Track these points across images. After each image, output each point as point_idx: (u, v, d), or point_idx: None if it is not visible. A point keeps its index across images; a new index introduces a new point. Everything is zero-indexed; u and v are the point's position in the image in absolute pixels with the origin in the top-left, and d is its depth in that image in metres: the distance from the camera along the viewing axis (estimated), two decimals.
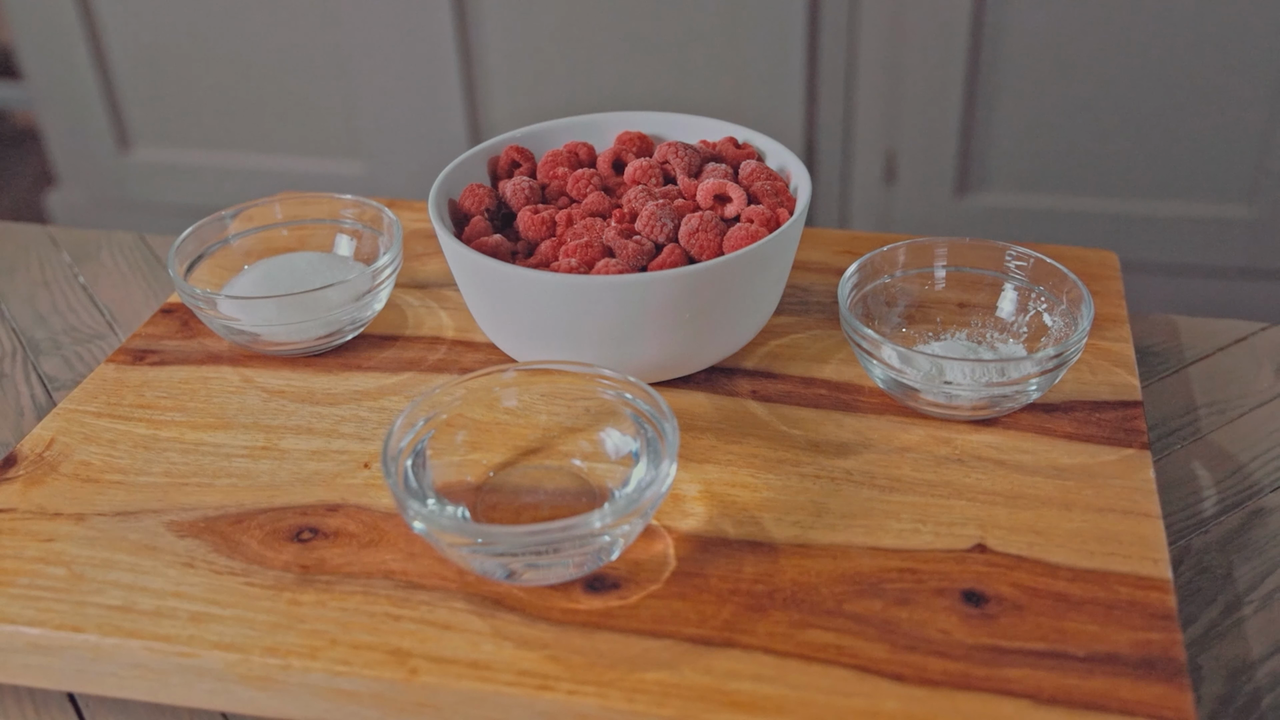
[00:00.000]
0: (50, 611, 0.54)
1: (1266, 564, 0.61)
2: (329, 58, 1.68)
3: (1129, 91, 1.51)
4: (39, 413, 0.74)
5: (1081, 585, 0.54)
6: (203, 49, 1.72)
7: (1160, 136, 1.53)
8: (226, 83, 1.74)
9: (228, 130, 1.79)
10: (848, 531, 0.57)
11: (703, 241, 0.63)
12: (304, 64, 1.70)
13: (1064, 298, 0.64)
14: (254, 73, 1.72)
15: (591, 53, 1.60)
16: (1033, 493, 0.59)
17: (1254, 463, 0.67)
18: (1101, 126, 1.54)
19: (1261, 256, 1.61)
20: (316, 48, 1.68)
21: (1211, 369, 0.74)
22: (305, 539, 0.58)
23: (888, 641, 0.52)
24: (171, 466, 0.62)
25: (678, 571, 0.55)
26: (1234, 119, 1.50)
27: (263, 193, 1.68)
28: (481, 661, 0.51)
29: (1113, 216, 1.60)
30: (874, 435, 0.63)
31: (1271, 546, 0.61)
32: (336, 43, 1.66)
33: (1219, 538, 0.62)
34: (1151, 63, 1.48)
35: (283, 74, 1.71)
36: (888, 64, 1.53)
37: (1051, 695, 0.49)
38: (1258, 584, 0.60)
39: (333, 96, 1.71)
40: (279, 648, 0.52)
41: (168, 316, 0.75)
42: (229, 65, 1.72)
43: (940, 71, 1.52)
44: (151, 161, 1.85)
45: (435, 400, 0.58)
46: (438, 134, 1.71)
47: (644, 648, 0.52)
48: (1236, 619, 0.58)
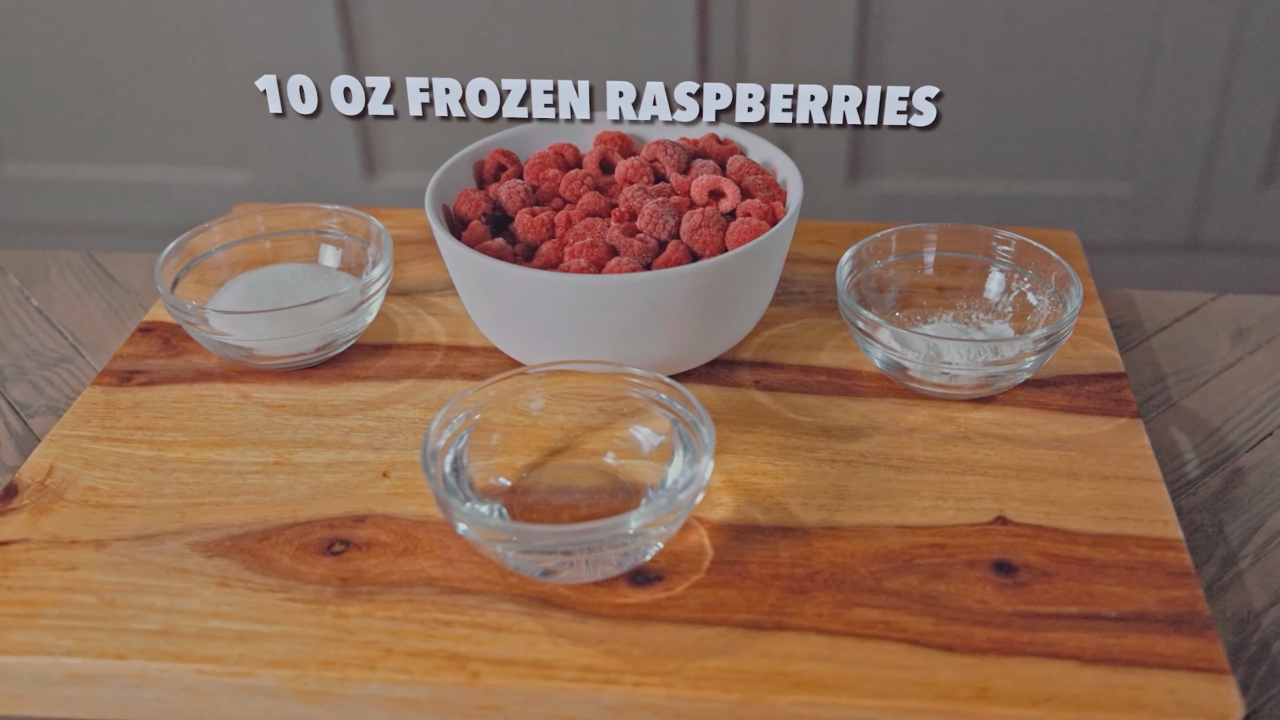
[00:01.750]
0: (88, 640, 0.53)
1: (1254, 519, 0.64)
2: (207, 63, 1.61)
3: (1012, 75, 1.55)
4: (16, 440, 0.72)
5: (1102, 550, 0.57)
6: (66, 59, 1.64)
7: (1039, 118, 1.58)
8: (97, 94, 1.66)
9: (101, 143, 1.71)
10: (873, 512, 0.59)
11: (705, 237, 0.64)
12: (180, 71, 1.62)
13: (1051, 279, 0.67)
14: (126, 82, 1.65)
15: (482, 29, 1.56)
16: (1040, 465, 0.62)
17: (1226, 425, 0.70)
18: (988, 110, 1.58)
19: (1137, 231, 1.67)
20: (193, 53, 1.61)
21: (1172, 339, 0.78)
22: (338, 551, 0.57)
23: (931, 615, 0.53)
24: (184, 487, 0.61)
25: (716, 560, 0.56)
26: (1107, 101, 1.56)
27: (145, 206, 1.63)
28: (541, 661, 0.52)
29: (999, 197, 1.64)
30: (880, 418, 0.65)
31: (1256, 502, 0.65)
32: (214, 48, 1.59)
33: (1205, 498, 0.65)
34: (1033, 46, 1.52)
35: (157, 82, 1.64)
36: (778, 65, 1.55)
37: (1094, 655, 0.51)
38: (1249, 538, 0.63)
39: (212, 104, 1.64)
40: (335, 661, 0.52)
41: (147, 335, 0.73)
42: (98, 76, 1.65)
43: (829, 60, 1.53)
44: (18, 178, 1.76)
45: (467, 403, 0.58)
46: (323, 139, 1.65)
47: (698, 636, 0.53)
48: (1235, 573, 0.61)
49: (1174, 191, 1.63)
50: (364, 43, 1.57)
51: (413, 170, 1.63)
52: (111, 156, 1.69)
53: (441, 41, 1.57)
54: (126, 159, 1.68)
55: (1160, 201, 1.64)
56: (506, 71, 1.36)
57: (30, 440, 0.72)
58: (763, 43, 1.53)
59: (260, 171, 1.68)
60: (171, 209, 1.63)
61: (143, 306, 0.83)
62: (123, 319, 0.82)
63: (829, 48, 1.54)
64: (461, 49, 1.56)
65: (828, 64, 1.54)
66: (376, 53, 1.58)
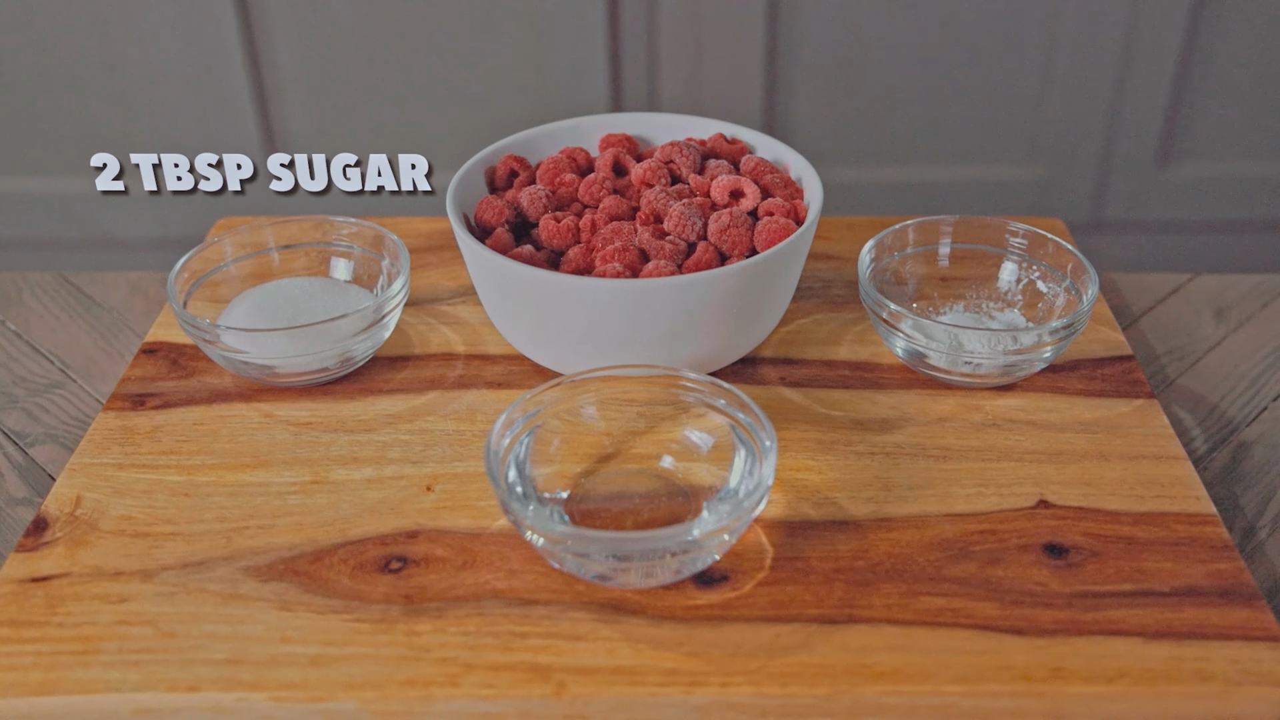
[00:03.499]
0: (156, 674, 0.52)
1: (1265, 490, 0.67)
2: (100, 69, 1.56)
3: (923, 64, 1.57)
4: (19, 471, 0.69)
5: (1144, 528, 0.59)
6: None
7: (950, 103, 1.62)
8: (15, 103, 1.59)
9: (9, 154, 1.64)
10: (920, 502, 0.60)
11: (734, 237, 0.65)
12: (75, 79, 1.57)
13: (1067, 270, 0.69)
14: (19, 87, 1.58)
15: (389, 54, 1.55)
16: (1070, 448, 0.63)
17: (1224, 401, 0.73)
18: (896, 98, 1.61)
19: (1047, 210, 1.73)
20: (88, 61, 1.56)
21: (1159, 320, 0.80)
22: (395, 569, 0.57)
23: (994, 600, 0.55)
24: (223, 511, 0.60)
25: (778, 557, 0.57)
26: (1012, 85, 1.60)
27: (42, 218, 1.57)
28: (625, 667, 0.52)
29: (916, 184, 1.67)
30: (909, 409, 0.66)
31: (1264, 474, 0.68)
32: (109, 53, 1.54)
33: (1217, 473, 0.68)
34: (945, 34, 1.55)
35: (53, 88, 1.58)
36: (689, 70, 1.56)
37: (1155, 630, 0.53)
38: (1264, 509, 0.66)
39: (106, 112, 1.59)
40: (416, 680, 0.51)
41: (152, 357, 0.71)
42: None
43: (740, 49, 1.54)
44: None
45: (524, 409, 0.58)
46: (228, 145, 1.61)
47: (774, 633, 0.53)
48: (1257, 543, 0.64)
49: (1076, 174, 1.68)
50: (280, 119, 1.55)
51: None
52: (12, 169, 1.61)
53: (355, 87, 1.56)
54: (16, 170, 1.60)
55: (1063, 184, 1.69)
56: (427, 105, 1.33)
57: (34, 470, 0.70)
58: (674, 77, 1.55)
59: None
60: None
61: (128, 326, 0.81)
62: (109, 340, 0.80)
63: (738, 74, 1.56)
64: (382, 86, 1.56)
65: (737, 92, 1.57)
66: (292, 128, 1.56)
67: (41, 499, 0.68)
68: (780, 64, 1.56)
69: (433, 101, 1.57)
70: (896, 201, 1.67)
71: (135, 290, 0.85)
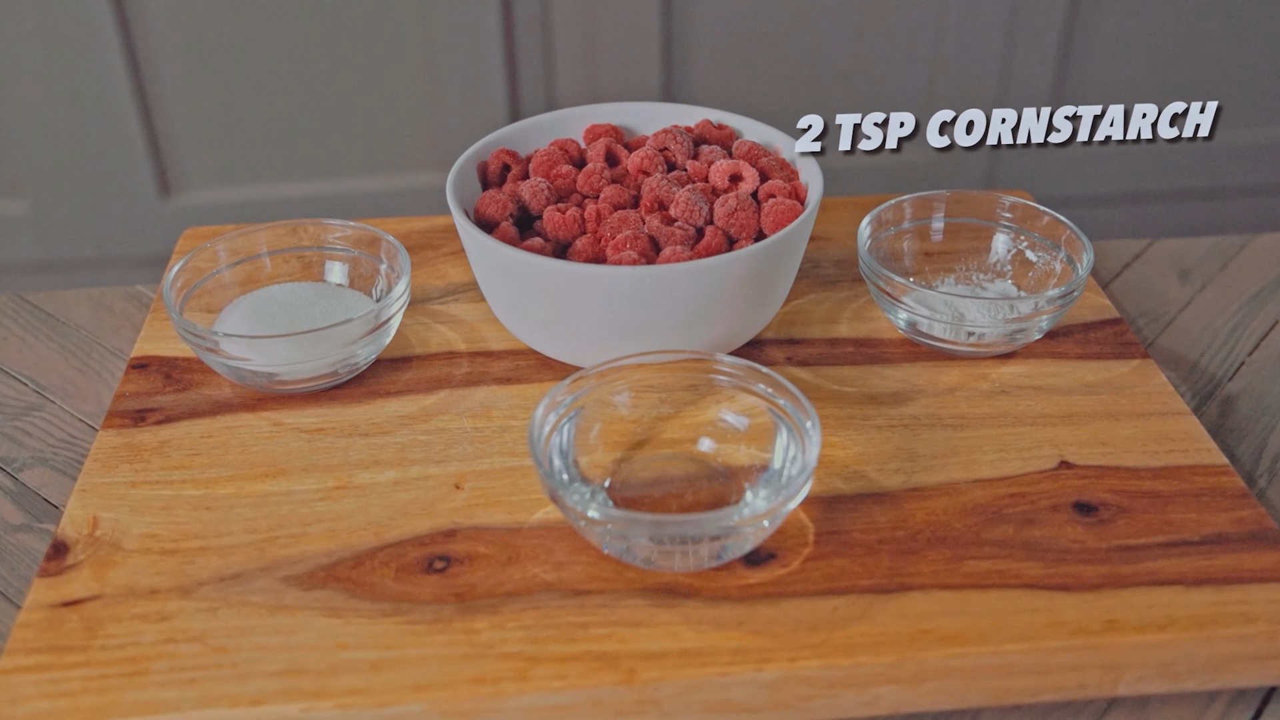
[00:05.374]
0: (214, 690, 0.50)
1: (1257, 442, 0.69)
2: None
3: (818, 31, 1.60)
4: (12, 497, 0.67)
5: (1164, 482, 0.60)
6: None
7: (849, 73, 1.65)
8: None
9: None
10: (947, 470, 0.61)
11: (742, 221, 0.65)
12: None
13: (1061, 240, 0.71)
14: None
15: (278, 66, 1.53)
16: (1080, 410, 0.65)
17: (1203, 359, 0.76)
18: (791, 66, 1.63)
19: (940, 183, 1.78)
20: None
21: (1128, 284, 0.83)
22: (440, 569, 0.56)
23: (1036, 559, 0.56)
24: (250, 523, 0.59)
25: (819, 532, 0.58)
26: (901, 71, 1.64)
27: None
28: (692, 650, 0.52)
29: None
30: (918, 381, 0.67)
31: (1253, 426, 0.70)
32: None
33: (1208, 428, 0.70)
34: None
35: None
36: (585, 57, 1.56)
37: (1194, 578, 0.55)
38: (1258, 459, 0.68)
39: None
40: (484, 677, 0.51)
41: (144, 371, 0.69)
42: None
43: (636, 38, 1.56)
44: None
45: (561, 397, 0.58)
46: (108, 166, 1.56)
47: (831, 606, 0.54)
48: (1258, 491, 0.66)
49: (971, 151, 1.73)
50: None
51: (213, 187, 1.58)
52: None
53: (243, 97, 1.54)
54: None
55: (954, 159, 1.74)
56: (334, 110, 1.29)
57: (27, 495, 0.67)
58: (570, 72, 1.56)
59: (37, 200, 1.56)
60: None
61: (98, 343, 0.79)
62: (82, 358, 0.78)
63: (636, 69, 1.58)
64: (276, 105, 1.54)
65: (637, 87, 1.58)
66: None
67: (41, 523, 0.65)
68: (676, 42, 1.57)
69: (325, 123, 1.56)
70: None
71: (99, 306, 0.83)
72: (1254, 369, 0.75)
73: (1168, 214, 1.76)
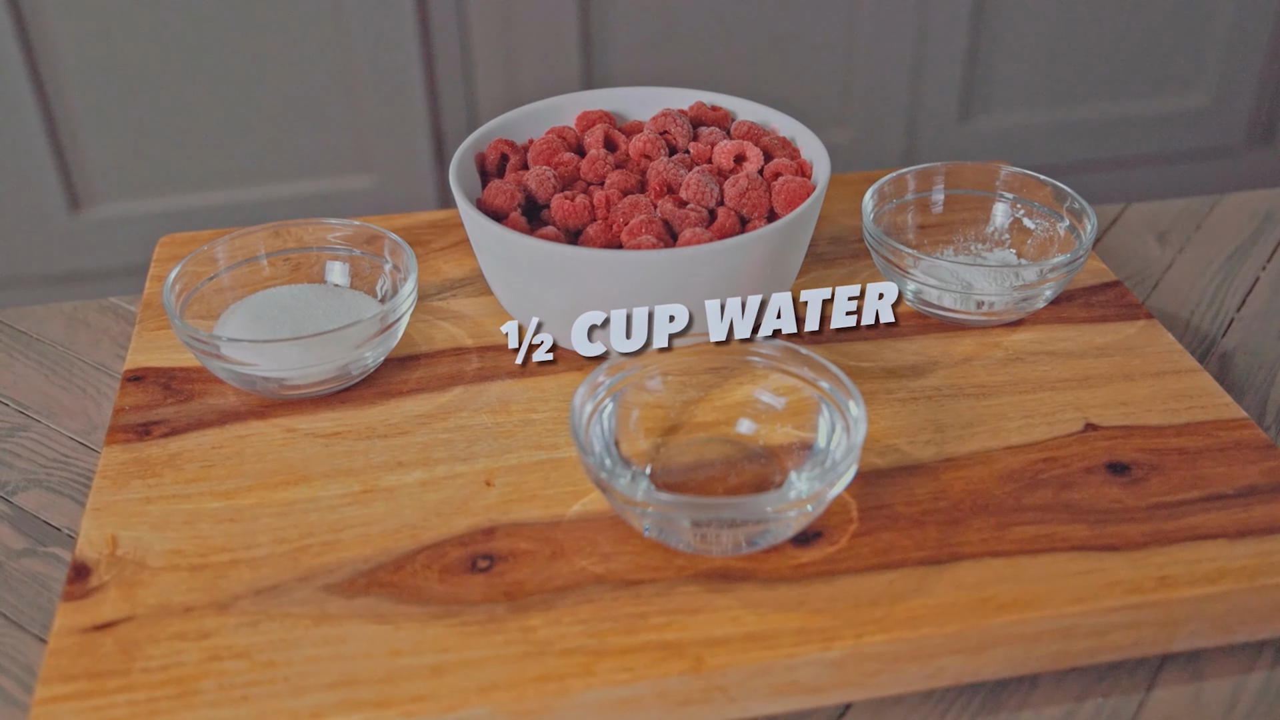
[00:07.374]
0: (269, 707, 0.49)
1: (1260, 392, 0.70)
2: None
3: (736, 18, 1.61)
4: (10, 522, 0.64)
5: (1189, 438, 0.61)
6: None
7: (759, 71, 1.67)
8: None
9: None
10: (977, 439, 0.61)
11: (753, 200, 0.64)
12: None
13: (1063, 209, 0.71)
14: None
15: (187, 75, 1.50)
16: (1096, 373, 0.66)
17: (1194, 317, 0.77)
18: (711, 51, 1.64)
19: (856, 164, 1.81)
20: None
21: (1109, 247, 0.84)
22: (484, 567, 0.55)
23: (1081, 521, 0.56)
24: (279, 532, 0.57)
25: (862, 508, 0.57)
26: (815, 58, 1.66)
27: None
28: (755, 633, 0.51)
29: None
30: (933, 352, 0.67)
31: (1253, 379, 0.72)
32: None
33: None
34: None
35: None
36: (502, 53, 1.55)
37: (1236, 530, 0.56)
38: (1264, 408, 0.69)
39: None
40: (548, 674, 0.50)
41: (140, 384, 0.67)
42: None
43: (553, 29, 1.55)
44: None
45: (597, 385, 0.57)
46: (14, 183, 1.52)
47: (887, 581, 0.54)
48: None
49: (886, 131, 1.77)
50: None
51: (125, 200, 1.54)
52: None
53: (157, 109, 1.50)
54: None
55: (874, 141, 1.77)
56: (248, 117, 1.26)
57: (24, 518, 0.64)
58: (490, 76, 1.55)
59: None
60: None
61: (77, 358, 0.76)
62: (63, 375, 0.75)
63: (555, 65, 1.58)
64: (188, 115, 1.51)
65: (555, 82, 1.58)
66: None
67: (45, 547, 0.63)
68: (594, 44, 1.57)
69: (238, 130, 1.52)
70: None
71: (73, 320, 0.79)
72: (1245, 324, 0.76)
73: (1140, 178, 1.81)
